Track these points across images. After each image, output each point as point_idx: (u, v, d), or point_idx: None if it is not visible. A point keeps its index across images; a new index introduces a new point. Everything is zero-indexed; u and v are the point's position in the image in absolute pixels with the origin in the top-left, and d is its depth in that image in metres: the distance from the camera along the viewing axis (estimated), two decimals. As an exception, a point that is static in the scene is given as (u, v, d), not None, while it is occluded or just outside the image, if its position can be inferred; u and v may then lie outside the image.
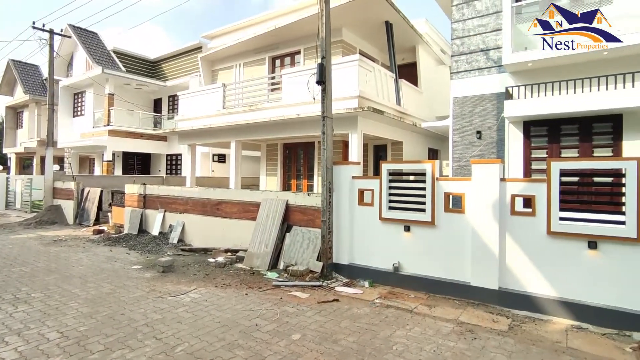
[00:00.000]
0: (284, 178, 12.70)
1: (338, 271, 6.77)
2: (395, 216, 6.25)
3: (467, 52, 8.36)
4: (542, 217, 5.05)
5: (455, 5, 8.59)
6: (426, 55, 12.68)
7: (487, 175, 5.44)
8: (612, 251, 4.64)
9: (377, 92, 9.78)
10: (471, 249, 5.51)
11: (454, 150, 8.11)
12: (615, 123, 6.78)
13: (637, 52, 6.42)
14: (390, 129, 10.24)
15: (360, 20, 10.71)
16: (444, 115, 11.47)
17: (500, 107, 7.67)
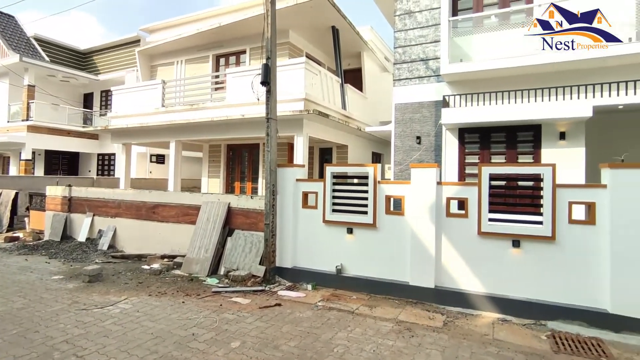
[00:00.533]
0: (227, 180, 12.30)
1: (281, 275, 6.66)
2: (338, 219, 6.30)
3: (408, 61, 8.72)
4: (474, 219, 5.38)
5: (397, 15, 8.94)
6: (371, 61, 13.07)
7: (425, 179, 5.69)
8: (532, 249, 5.06)
9: (323, 96, 9.85)
10: (410, 250, 5.72)
11: (395, 154, 8.40)
12: (536, 132, 7.46)
13: (554, 70, 7.13)
14: (336, 133, 10.37)
15: (308, 24, 10.75)
16: (387, 121, 11.87)
17: (438, 115, 8.09)
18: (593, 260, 4.74)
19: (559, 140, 7.26)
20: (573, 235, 4.87)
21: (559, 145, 7.24)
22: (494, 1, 8.07)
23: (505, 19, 7.94)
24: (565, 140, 7.21)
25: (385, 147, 13.27)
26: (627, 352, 4.10)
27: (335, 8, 10.16)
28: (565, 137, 7.21)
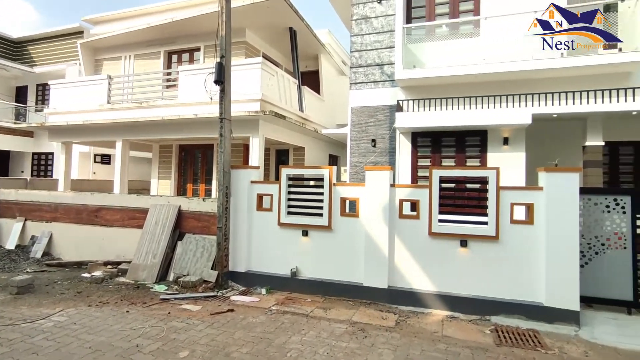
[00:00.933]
0: (179, 182, 11.78)
1: (235, 279, 6.47)
2: (293, 221, 6.24)
3: (364, 65, 8.88)
4: (425, 220, 5.55)
5: (354, 20, 9.08)
6: (328, 64, 13.18)
7: (379, 181, 5.78)
8: (478, 248, 5.32)
9: (279, 97, 9.76)
10: (364, 251, 5.78)
11: (351, 156, 8.50)
12: (482, 137, 7.89)
13: (500, 79, 7.59)
14: (293, 134, 10.31)
15: (265, 24, 10.62)
16: (344, 123, 12.01)
17: (392, 118, 8.30)
18: (531, 257, 5.07)
19: (503, 145, 7.72)
20: (514, 234, 5.17)
21: (503, 149, 7.71)
22: (445, 12, 8.45)
23: (454, 29, 8.34)
24: (508, 145, 7.69)
25: (342, 149, 13.42)
26: (559, 341, 4.42)
27: (293, 9, 10.13)
28: (509, 142, 7.69)
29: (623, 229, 5.17)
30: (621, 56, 6.70)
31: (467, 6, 8.24)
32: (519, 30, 7.42)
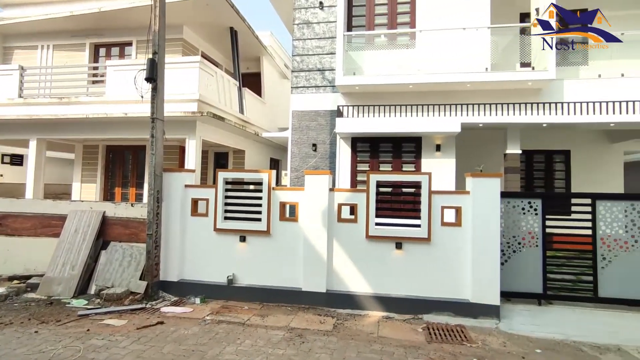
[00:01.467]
0: (105, 186, 10.84)
1: (166, 290, 6.06)
2: (231, 226, 6.02)
3: (306, 70, 8.91)
4: (362, 223, 5.66)
5: (296, 24, 9.09)
6: (270, 67, 13.05)
7: (318, 186, 5.79)
8: (412, 250, 5.53)
9: (219, 98, 9.44)
10: (303, 256, 5.74)
11: (292, 160, 8.46)
12: (417, 144, 8.29)
13: (433, 89, 8.03)
14: (232, 137, 10.02)
15: (204, 22, 10.23)
16: (285, 127, 11.95)
17: (333, 123, 8.41)
18: (459, 257, 5.38)
19: (435, 151, 8.18)
20: (445, 236, 5.46)
21: (436, 156, 8.16)
22: (383, 22, 8.78)
23: (392, 39, 8.69)
24: (440, 151, 8.16)
25: (283, 153, 13.34)
26: (482, 334, 4.74)
27: (234, 9, 9.89)
28: (441, 149, 8.16)
29: (535, 228, 5.71)
30: (532, 74, 7.46)
31: (403, 19, 8.65)
32: (450, 45, 7.95)
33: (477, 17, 8.10)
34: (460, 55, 7.93)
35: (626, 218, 5.51)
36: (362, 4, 8.82)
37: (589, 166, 9.93)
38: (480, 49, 7.96)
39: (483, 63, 7.91)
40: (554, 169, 10.10)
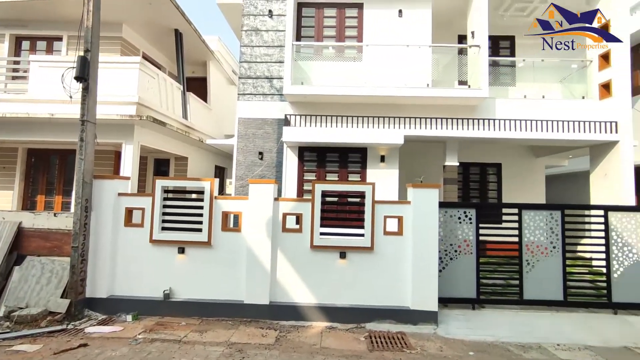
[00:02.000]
0: (25, 194, 9.74)
1: (94, 308, 5.53)
2: (168, 237, 5.67)
3: (253, 77, 8.78)
4: (307, 233, 5.61)
5: (244, 30, 8.96)
6: (217, 72, 12.72)
7: (263, 195, 5.66)
8: (355, 259, 5.59)
9: (161, 102, 8.98)
10: (246, 267, 5.56)
11: (237, 169, 8.24)
12: (363, 154, 8.48)
13: (379, 102, 8.28)
14: (175, 143, 9.56)
15: (147, 22, 9.72)
16: (232, 134, 11.66)
17: (280, 132, 8.35)
18: (401, 265, 5.52)
19: (380, 162, 8.41)
20: (387, 245, 5.59)
21: (380, 166, 8.39)
22: (332, 34, 8.94)
23: (340, 52, 8.87)
24: (384, 162, 8.41)
25: (229, 161, 12.95)
26: (421, 340, 4.88)
27: (179, 11, 9.53)
28: (385, 160, 8.41)
29: (470, 236, 6.05)
30: (468, 92, 7.99)
31: (351, 32, 8.88)
32: (395, 60, 8.29)
33: (420, 36, 8.56)
34: (404, 70, 8.30)
35: (546, 226, 6.03)
36: (311, 16, 8.93)
37: (517, 178, 10.82)
38: (423, 66, 8.40)
39: (425, 79, 8.35)
40: (488, 180, 10.87)
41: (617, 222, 5.99)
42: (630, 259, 5.93)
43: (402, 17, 8.78)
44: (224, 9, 9.76)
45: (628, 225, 5.97)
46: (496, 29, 10.01)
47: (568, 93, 9.19)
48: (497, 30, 10.12)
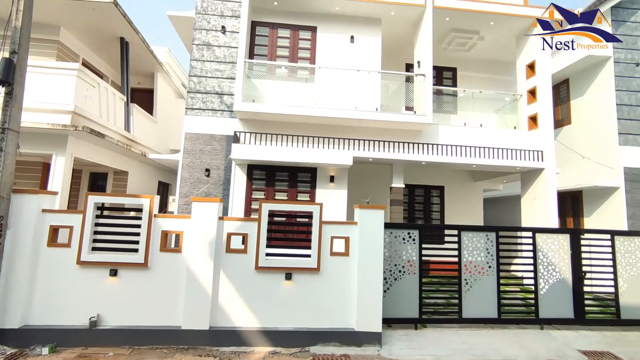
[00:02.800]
0: None
1: (2, 340, 4.87)
2: (100, 259, 5.21)
3: (203, 92, 8.58)
4: (252, 254, 5.44)
5: (196, 44, 8.78)
6: (165, 84, 12.27)
7: (206, 214, 5.44)
8: (301, 280, 5.49)
9: (100, 112, 8.43)
10: (185, 290, 5.24)
11: (182, 186, 7.88)
12: (313, 174, 8.51)
13: (329, 123, 8.41)
14: (114, 156, 8.97)
15: (89, 27, 9.19)
16: (178, 149, 11.21)
17: (229, 149, 8.16)
18: (346, 286, 5.51)
19: (329, 182, 8.49)
20: (333, 266, 5.57)
21: (330, 187, 8.47)
22: (285, 54, 9.04)
23: (293, 72, 8.97)
24: (334, 182, 8.50)
25: (174, 176, 12.40)
26: (366, 365, 4.86)
27: (126, 19, 9.12)
28: (334, 180, 8.51)
29: (414, 257, 6.23)
30: (414, 117, 8.40)
31: (304, 54, 9.04)
32: (346, 83, 8.53)
33: (370, 61, 8.94)
34: (355, 94, 8.56)
35: (483, 247, 6.38)
36: (265, 35, 8.99)
37: (458, 200, 11.44)
38: (373, 91, 8.73)
39: (374, 103, 8.66)
40: (432, 202, 11.38)
41: (543, 242, 6.49)
42: (554, 277, 6.42)
43: (354, 43, 9.13)
44: (175, 20, 9.52)
45: (552, 245, 6.50)
46: (440, 60, 10.75)
47: (502, 123, 10.00)
48: (441, 61, 10.87)
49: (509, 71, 10.84)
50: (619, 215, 9.42)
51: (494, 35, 9.90)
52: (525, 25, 9.40)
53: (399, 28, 9.56)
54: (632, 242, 6.63)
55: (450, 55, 10.89)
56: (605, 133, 9.96)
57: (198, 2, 8.96)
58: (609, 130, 9.87)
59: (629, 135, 9.67)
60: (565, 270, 6.45)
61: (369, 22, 9.16)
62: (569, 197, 10.93)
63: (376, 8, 8.82)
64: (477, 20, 9.30)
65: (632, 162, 9.52)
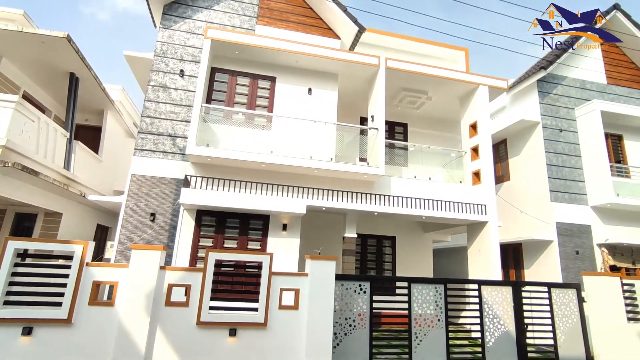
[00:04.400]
0: None
1: None
2: (12, 315, 4.54)
3: (155, 133, 8.33)
4: (195, 307, 5.05)
5: (151, 85, 8.65)
6: (115, 123, 11.79)
7: (146, 263, 5.04)
8: (247, 336, 5.13)
9: (38, 148, 7.82)
10: (113, 351, 4.66)
11: (122, 230, 7.33)
12: (265, 222, 8.31)
13: (284, 170, 8.41)
14: (48, 196, 8.23)
15: (36, 60, 8.75)
16: (122, 191, 10.56)
17: (178, 193, 7.82)
18: (295, 342, 5.23)
19: (282, 230, 8.32)
20: (282, 320, 5.29)
21: (282, 235, 8.28)
22: (243, 101, 9.12)
23: (250, 118, 9.02)
24: (286, 231, 8.34)
25: (115, 219, 11.53)
26: None
27: (79, 55, 8.82)
28: (287, 228, 8.35)
29: (365, 309, 6.08)
30: (366, 169, 8.66)
31: (262, 102, 9.19)
32: (302, 133, 8.70)
33: (327, 113, 9.25)
34: (311, 143, 8.72)
35: (432, 299, 6.41)
36: (224, 81, 9.08)
37: (410, 251, 11.65)
38: (328, 141, 8.95)
39: (329, 153, 8.85)
40: (384, 252, 11.47)
41: (488, 295, 6.67)
42: (499, 330, 6.54)
43: (311, 95, 9.46)
44: (131, 61, 9.40)
45: (496, 298, 6.69)
46: (393, 115, 11.41)
47: (449, 177, 10.60)
48: (394, 117, 11.54)
49: (455, 129, 11.71)
50: (555, 267, 10.05)
51: (441, 96, 10.77)
52: (468, 89, 10.35)
53: (355, 84, 10.12)
54: (566, 294, 7.01)
55: (402, 112, 11.61)
56: (539, 190, 10.87)
57: (157, 45, 8.97)
58: (542, 187, 10.80)
59: (558, 192, 10.62)
60: (509, 323, 6.60)
61: (327, 76, 9.61)
62: (511, 249, 11.56)
63: (334, 64, 9.32)
64: (425, 82, 10.10)
65: (562, 218, 10.37)
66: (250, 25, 9.79)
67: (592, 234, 10.56)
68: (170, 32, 9.13)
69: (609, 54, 12.51)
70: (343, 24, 10.04)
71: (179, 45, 9.09)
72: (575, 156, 11.14)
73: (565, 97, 11.60)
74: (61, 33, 7.90)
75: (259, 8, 10.02)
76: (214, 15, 9.59)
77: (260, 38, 8.85)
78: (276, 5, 10.21)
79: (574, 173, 10.96)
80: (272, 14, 10.11)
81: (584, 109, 11.36)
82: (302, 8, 10.39)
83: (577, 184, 10.91)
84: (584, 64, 11.98)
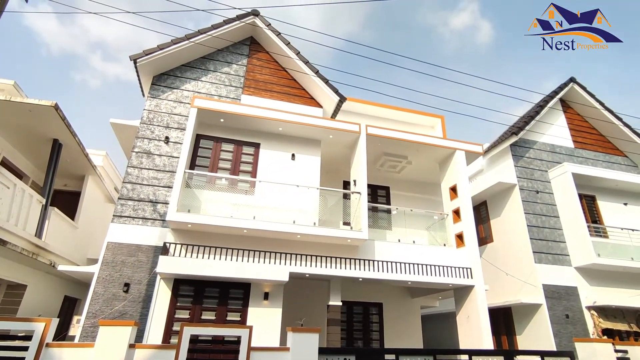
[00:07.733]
0: None
1: None
2: (-49, 409, 4.01)
3: (136, 199, 8.20)
4: (164, 393, 4.57)
5: (135, 152, 8.70)
6: (96, 188, 11.61)
7: (115, 340, 4.65)
8: None
9: (9, 216, 7.54)
10: None
11: (92, 303, 6.86)
12: (246, 290, 7.94)
13: (267, 236, 8.23)
14: (12, 267, 7.75)
15: (20, 126, 8.78)
16: (96, 259, 10.06)
17: (155, 261, 7.49)
18: None
19: (263, 299, 7.93)
20: (260, 405, 4.82)
21: (263, 304, 7.88)
22: (227, 167, 9.20)
23: (233, 184, 9.03)
24: (268, 300, 7.95)
25: (86, 290, 10.82)
26: None
27: (65, 123, 8.93)
28: (269, 297, 7.97)
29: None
30: (350, 233, 8.59)
31: (246, 167, 9.28)
32: (285, 198, 8.70)
33: (310, 178, 9.36)
34: (294, 208, 8.69)
35: (423, 374, 6.02)
36: (208, 147, 9.22)
37: (397, 318, 11.18)
38: (311, 206, 8.94)
39: (312, 218, 8.80)
40: (371, 321, 10.96)
41: (482, 367, 6.32)
42: (497, 408, 6.09)
43: (295, 160, 9.64)
44: (117, 128, 9.55)
45: (490, 370, 6.33)
46: (375, 179, 11.63)
47: (433, 240, 10.58)
48: (376, 180, 11.76)
49: (437, 191, 11.96)
50: (547, 332, 9.73)
51: (421, 160, 11.14)
52: (446, 154, 10.76)
53: (337, 149, 10.43)
54: (562, 363, 6.72)
55: (384, 175, 11.88)
56: (523, 251, 10.91)
57: (144, 113, 9.20)
58: (525, 248, 10.85)
59: (542, 253, 10.67)
60: (506, 399, 6.19)
61: (310, 142, 9.91)
62: (501, 313, 11.24)
63: (316, 132, 9.67)
64: (405, 147, 10.49)
65: (548, 279, 10.29)
66: (236, 95, 10.23)
67: (579, 296, 10.44)
68: (157, 101, 9.44)
69: (572, 120, 13.49)
70: (325, 95, 10.62)
71: (165, 113, 9.35)
72: (554, 217, 11.40)
73: (538, 160, 12.19)
74: (49, 102, 8.04)
75: (245, 79, 10.57)
76: (201, 86, 10.04)
77: (245, 107, 9.21)
78: (262, 77, 10.81)
79: (554, 234, 11.13)
80: (257, 84, 10.65)
81: (557, 171, 11.90)
82: (286, 79, 11.02)
83: (558, 245, 11.02)
84: (551, 130, 12.81)
